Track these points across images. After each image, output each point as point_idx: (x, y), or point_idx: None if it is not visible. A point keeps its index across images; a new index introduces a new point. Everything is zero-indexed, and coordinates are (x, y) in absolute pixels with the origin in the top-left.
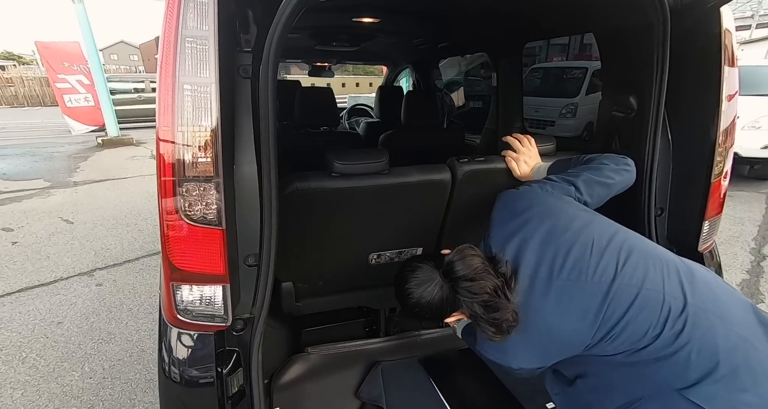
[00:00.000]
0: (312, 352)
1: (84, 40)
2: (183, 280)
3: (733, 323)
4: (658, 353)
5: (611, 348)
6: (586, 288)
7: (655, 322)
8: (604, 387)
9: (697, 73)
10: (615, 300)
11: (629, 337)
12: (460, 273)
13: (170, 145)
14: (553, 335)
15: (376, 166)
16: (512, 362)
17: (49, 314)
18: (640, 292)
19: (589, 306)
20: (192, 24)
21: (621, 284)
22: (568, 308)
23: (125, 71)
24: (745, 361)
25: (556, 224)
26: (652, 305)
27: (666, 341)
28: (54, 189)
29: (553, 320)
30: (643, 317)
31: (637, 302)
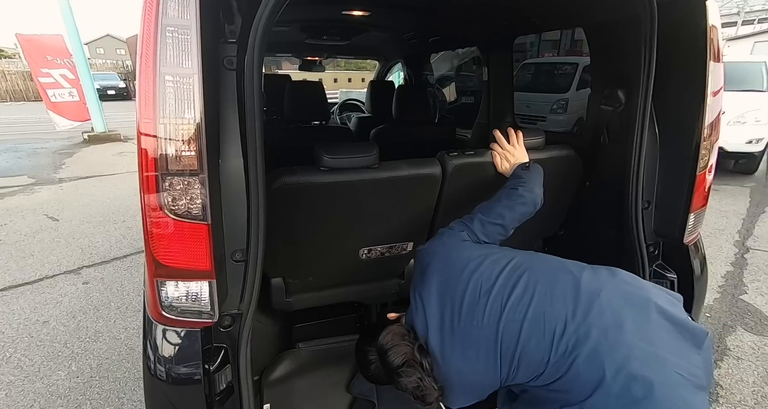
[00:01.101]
0: (303, 348)
1: (68, 33)
2: (168, 276)
3: (624, 332)
4: (555, 375)
5: (521, 378)
6: (481, 332)
7: (545, 347)
8: (534, 403)
9: (683, 68)
10: (505, 337)
11: (528, 367)
12: (393, 364)
13: (152, 139)
14: (470, 380)
15: (366, 160)
16: (454, 404)
17: (34, 312)
18: (523, 324)
19: (487, 348)
20: (172, 13)
21: (507, 321)
22: (470, 354)
23: (111, 66)
24: (636, 369)
25: (449, 276)
26: (537, 333)
27: (558, 363)
28: (38, 186)
29: (463, 368)
30: (533, 347)
31: (524, 334)
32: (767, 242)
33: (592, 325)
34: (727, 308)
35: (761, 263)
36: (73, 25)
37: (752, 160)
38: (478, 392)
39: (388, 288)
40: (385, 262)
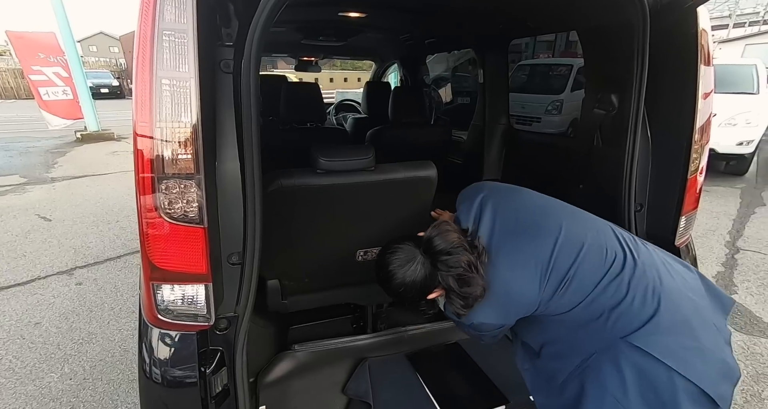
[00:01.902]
0: (299, 349)
1: (60, 30)
2: (164, 279)
3: (677, 281)
4: (605, 303)
5: (565, 302)
6: (536, 241)
7: (600, 272)
8: (563, 352)
9: (674, 71)
10: (562, 251)
11: (578, 287)
12: (439, 247)
13: (149, 141)
14: (511, 291)
15: (362, 162)
16: (480, 316)
17: (26, 314)
18: (584, 245)
19: (540, 258)
20: (170, 17)
21: (566, 238)
22: (519, 265)
23: (105, 64)
24: (685, 314)
25: (506, 194)
26: (597, 257)
27: (611, 290)
28: (30, 185)
29: (509, 277)
30: (589, 267)
31: (582, 253)
32: (757, 242)
33: (652, 267)
34: None
35: (751, 263)
36: (66, 22)
37: (743, 162)
38: (513, 309)
39: None
40: None
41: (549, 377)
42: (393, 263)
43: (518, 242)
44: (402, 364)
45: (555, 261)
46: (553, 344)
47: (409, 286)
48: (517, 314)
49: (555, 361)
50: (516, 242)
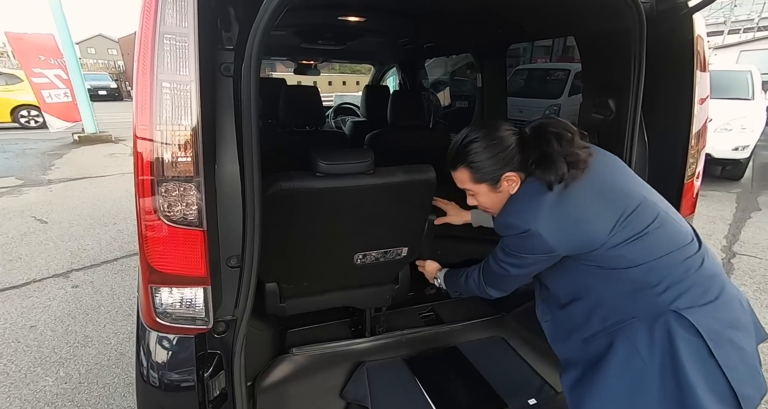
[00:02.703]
0: (297, 353)
1: (59, 32)
2: (162, 282)
3: (734, 287)
4: (669, 274)
5: (629, 256)
6: (622, 193)
7: (674, 244)
8: (599, 309)
9: (671, 77)
10: (642, 210)
11: (648, 247)
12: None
13: (148, 144)
14: (583, 214)
15: (362, 166)
16: (533, 224)
17: (21, 317)
18: (659, 214)
19: (621, 206)
20: (171, 20)
21: (647, 203)
22: (603, 199)
23: (103, 66)
24: (737, 315)
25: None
26: (672, 229)
27: (678, 263)
28: (26, 187)
29: (587, 201)
30: (664, 233)
31: (659, 220)
32: (753, 246)
33: (714, 259)
34: None
35: (747, 267)
36: (64, 24)
37: (738, 167)
38: (575, 234)
39: (382, 293)
40: (380, 267)
41: (571, 329)
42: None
43: (605, 186)
44: (400, 368)
45: (634, 214)
46: (588, 300)
47: (491, 148)
48: (573, 242)
49: (584, 316)
50: (603, 184)
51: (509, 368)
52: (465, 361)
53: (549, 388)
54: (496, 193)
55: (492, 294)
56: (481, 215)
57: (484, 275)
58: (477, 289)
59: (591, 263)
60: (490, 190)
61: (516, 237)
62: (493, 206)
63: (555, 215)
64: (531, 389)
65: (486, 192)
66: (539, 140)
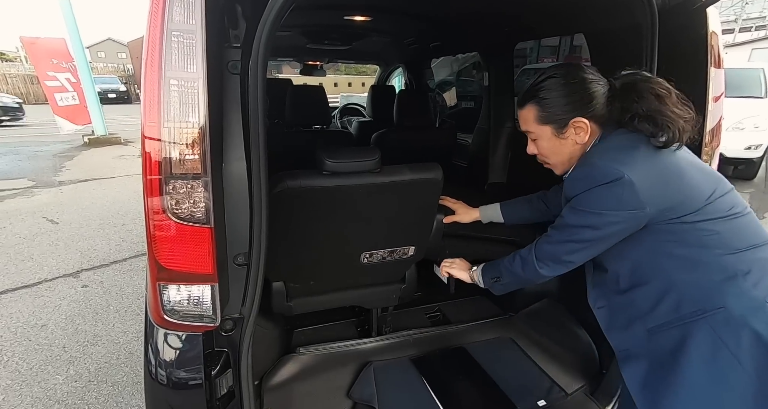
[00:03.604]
0: (303, 352)
1: (70, 36)
2: (170, 280)
3: None
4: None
5: (726, 235)
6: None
7: (762, 233)
8: (670, 292)
9: (683, 74)
10: (735, 195)
11: (747, 228)
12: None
13: (156, 142)
14: (683, 171)
15: (368, 164)
16: (627, 170)
17: (32, 316)
18: (748, 204)
19: (716, 183)
20: (178, 18)
21: (734, 190)
22: (702, 171)
23: (113, 69)
24: None
25: None
26: (757, 222)
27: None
28: (38, 189)
29: (687, 162)
30: (756, 222)
31: (748, 208)
32: None
33: None
34: None
35: None
36: (75, 28)
37: (751, 166)
38: (672, 187)
39: (389, 293)
40: (387, 266)
41: (633, 317)
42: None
43: (697, 162)
44: (407, 368)
45: (728, 195)
46: (658, 284)
47: (568, 87)
48: (668, 199)
49: (651, 302)
50: (695, 160)
51: (518, 369)
52: (473, 362)
53: (559, 389)
54: (559, 139)
55: (544, 273)
56: (490, 210)
57: (537, 250)
58: (524, 270)
59: (676, 239)
60: (554, 134)
61: (600, 189)
62: (551, 154)
63: (652, 166)
64: (540, 391)
65: (549, 136)
66: (634, 95)
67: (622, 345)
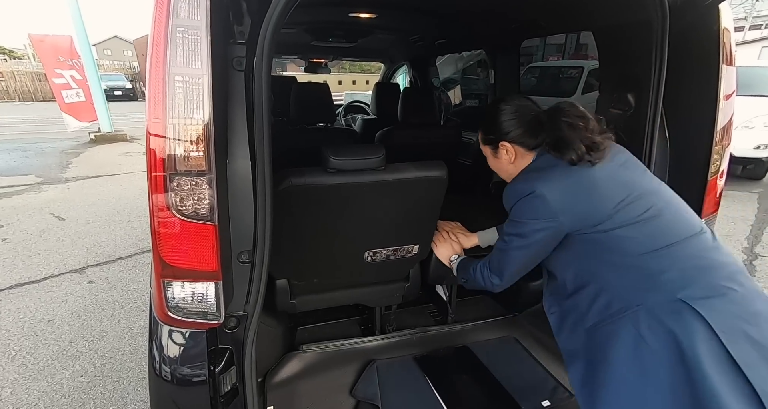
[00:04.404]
0: (307, 350)
1: (77, 34)
2: (174, 276)
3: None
4: (680, 262)
5: (638, 238)
6: (635, 175)
7: (687, 231)
8: (602, 292)
9: (695, 71)
10: (652, 195)
11: (659, 230)
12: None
13: (161, 139)
14: (595, 183)
15: (373, 162)
16: (538, 187)
17: (39, 311)
18: (674, 201)
19: (631, 187)
20: (183, 13)
21: (660, 191)
22: (615, 179)
23: (119, 67)
24: (760, 308)
25: None
26: (685, 217)
27: (693, 251)
28: (45, 185)
29: (598, 175)
30: (676, 218)
31: (675, 207)
32: None
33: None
34: None
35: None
36: (82, 26)
37: (760, 166)
38: (580, 203)
39: (393, 291)
40: (391, 264)
41: (576, 320)
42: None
43: (612, 174)
44: (411, 367)
45: (643, 196)
46: (594, 286)
47: (499, 115)
48: (576, 210)
49: (587, 303)
50: (612, 172)
51: (522, 369)
52: (476, 361)
53: (563, 389)
54: (495, 159)
55: (495, 283)
56: (489, 235)
57: (491, 262)
58: (482, 278)
59: (600, 246)
60: (491, 154)
61: (521, 201)
62: (496, 169)
63: (562, 181)
64: (544, 391)
65: (489, 155)
66: (552, 124)
67: (568, 346)
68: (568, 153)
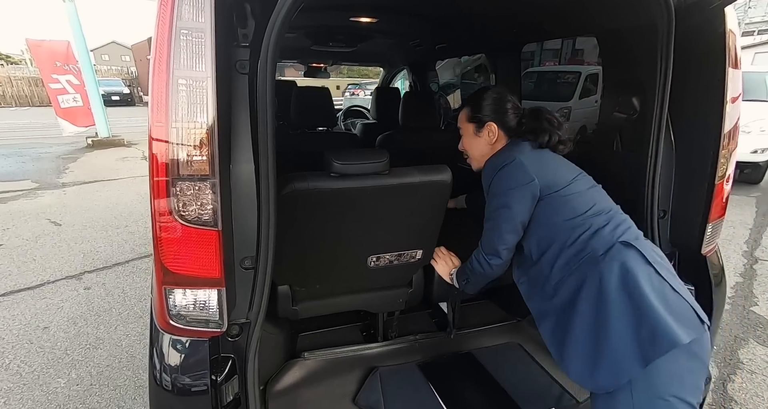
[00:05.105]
0: (308, 357)
1: (74, 40)
2: (176, 283)
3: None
4: (616, 221)
5: (583, 200)
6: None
7: (615, 205)
8: (562, 253)
9: (699, 74)
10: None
11: (599, 196)
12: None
13: (164, 143)
14: (551, 161)
15: (377, 166)
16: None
17: (34, 318)
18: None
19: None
20: (187, 15)
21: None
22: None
23: (116, 72)
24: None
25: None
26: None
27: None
28: (41, 190)
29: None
30: (605, 196)
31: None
32: None
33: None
34: (738, 320)
35: None
36: (80, 31)
37: (757, 170)
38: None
39: (396, 297)
40: (394, 270)
41: (543, 281)
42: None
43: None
44: (414, 374)
45: (582, 176)
46: (554, 249)
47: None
48: (546, 176)
49: (550, 266)
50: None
51: (527, 376)
52: (480, 367)
53: (569, 397)
54: (476, 137)
55: (495, 263)
56: (460, 201)
57: (483, 247)
58: (480, 265)
59: (557, 210)
60: (474, 133)
61: (502, 171)
62: (470, 148)
63: (534, 155)
64: (550, 398)
65: (470, 133)
66: (535, 118)
67: (538, 307)
68: (543, 136)
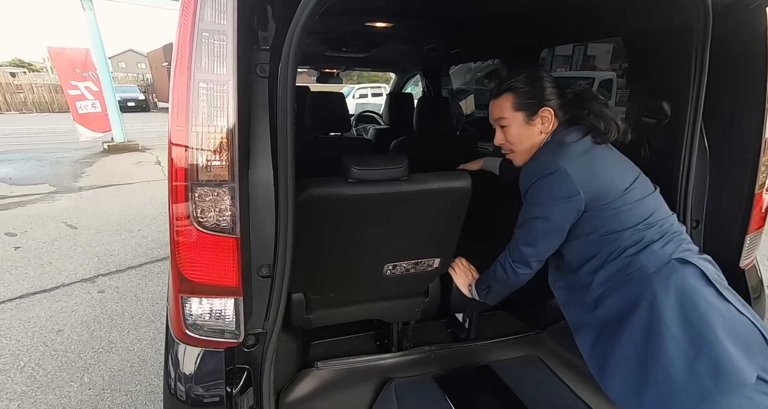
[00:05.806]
0: (322, 367)
1: (94, 47)
2: (192, 292)
3: None
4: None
5: (640, 210)
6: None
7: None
8: (605, 265)
9: (737, 76)
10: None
11: (656, 206)
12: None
13: (183, 147)
14: (605, 169)
15: (395, 172)
16: (562, 163)
17: (49, 321)
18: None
19: (636, 171)
20: (209, 17)
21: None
22: (624, 163)
23: (132, 79)
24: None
25: None
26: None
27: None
28: (59, 194)
29: (613, 156)
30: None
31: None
32: None
33: None
34: None
35: None
36: (99, 39)
37: None
38: (598, 179)
39: (411, 306)
40: (410, 279)
41: (583, 291)
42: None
43: (621, 157)
44: (430, 386)
45: (638, 179)
46: (597, 261)
47: (538, 82)
48: (594, 187)
49: (592, 276)
50: (619, 156)
51: (548, 391)
52: (499, 381)
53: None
54: (527, 126)
55: (520, 272)
56: (494, 162)
57: (510, 252)
58: (505, 273)
59: (603, 221)
60: (524, 121)
61: (543, 179)
62: (518, 142)
63: (582, 160)
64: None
65: (520, 122)
66: (587, 102)
67: (576, 318)
68: (609, 126)
